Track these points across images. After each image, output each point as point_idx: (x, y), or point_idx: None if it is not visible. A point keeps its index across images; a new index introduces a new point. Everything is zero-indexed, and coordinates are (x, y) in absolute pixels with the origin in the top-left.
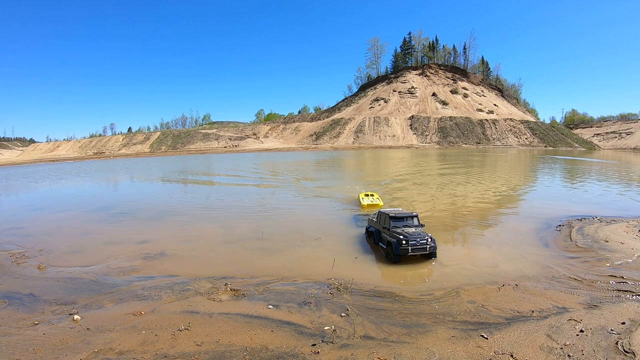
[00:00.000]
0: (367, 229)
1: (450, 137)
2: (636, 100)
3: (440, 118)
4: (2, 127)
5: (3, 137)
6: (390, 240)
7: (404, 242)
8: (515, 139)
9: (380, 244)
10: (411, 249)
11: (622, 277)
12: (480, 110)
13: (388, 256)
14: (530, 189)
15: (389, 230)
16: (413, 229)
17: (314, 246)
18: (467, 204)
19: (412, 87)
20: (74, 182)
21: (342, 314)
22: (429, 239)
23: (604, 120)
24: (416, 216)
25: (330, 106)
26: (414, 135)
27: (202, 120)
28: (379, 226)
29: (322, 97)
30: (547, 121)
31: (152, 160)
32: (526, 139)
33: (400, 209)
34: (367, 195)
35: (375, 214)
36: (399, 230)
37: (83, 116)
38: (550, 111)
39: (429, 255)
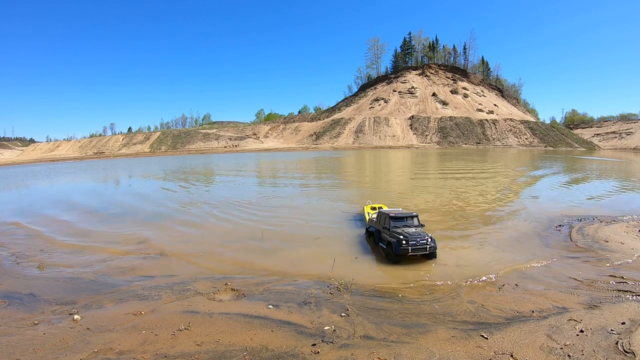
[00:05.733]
0: (367, 229)
1: (450, 137)
2: (636, 100)
3: (440, 118)
4: (2, 127)
5: (3, 137)
6: (390, 240)
7: (404, 242)
8: (515, 139)
9: (380, 244)
10: (411, 249)
11: (622, 277)
12: (480, 110)
13: (388, 256)
14: (530, 189)
15: (389, 230)
16: (413, 229)
17: (314, 246)
18: (467, 203)
19: (412, 87)
20: (73, 181)
21: (342, 314)
22: (429, 239)
23: (604, 120)
24: (416, 216)
25: (330, 106)
26: (414, 135)
27: (202, 120)
28: (379, 226)
29: (322, 97)
30: (547, 121)
31: (152, 160)
32: (526, 139)
33: (400, 209)
34: (373, 208)
35: (375, 214)
36: (399, 230)
37: (83, 116)
38: (550, 111)
39: (429, 255)
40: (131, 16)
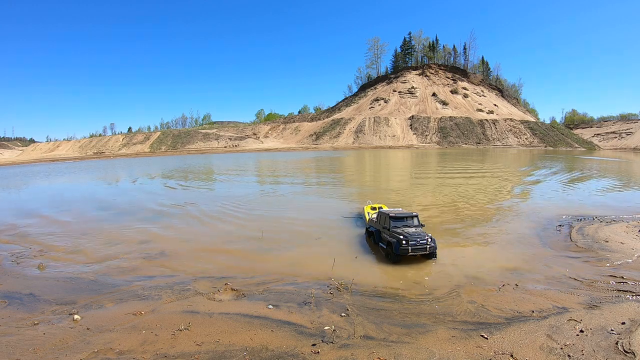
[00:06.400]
0: (367, 229)
1: (450, 137)
2: (636, 100)
3: (440, 118)
4: (2, 127)
5: (3, 137)
6: (390, 240)
7: (404, 242)
8: (515, 139)
9: (380, 244)
10: (411, 249)
11: (622, 277)
12: (480, 110)
13: (388, 256)
14: (531, 189)
15: (389, 230)
16: (413, 229)
17: (314, 246)
18: (467, 203)
19: (412, 87)
20: (73, 181)
21: (342, 314)
22: (429, 239)
23: (604, 120)
24: (416, 216)
25: (330, 106)
26: (414, 136)
27: (202, 120)
28: (379, 226)
29: (322, 97)
30: (547, 121)
31: (152, 160)
32: (526, 139)
33: (400, 209)
34: (373, 208)
35: (375, 214)
36: (399, 230)
37: (83, 116)
38: (550, 111)
39: (429, 255)
40: (131, 16)
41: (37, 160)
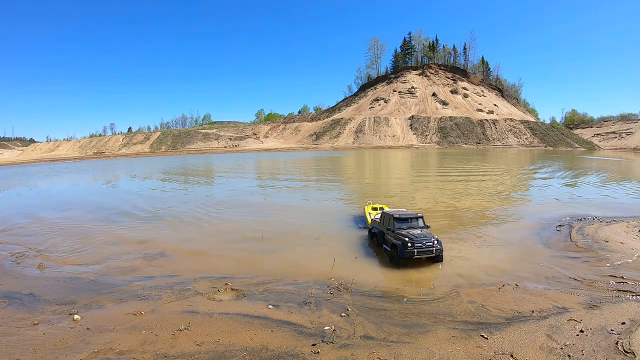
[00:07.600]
0: (369, 230)
1: (450, 137)
2: (636, 100)
3: (440, 118)
4: (2, 127)
5: (3, 137)
6: (395, 243)
7: (409, 244)
8: (515, 139)
9: (384, 246)
10: (417, 252)
11: (622, 277)
12: (480, 110)
13: (392, 259)
14: (530, 189)
15: (393, 232)
16: (418, 231)
17: (314, 246)
18: (467, 203)
19: (412, 87)
20: (73, 182)
21: (342, 314)
22: (435, 241)
23: (604, 120)
24: (422, 217)
25: (330, 106)
26: (414, 136)
27: (202, 120)
28: (382, 227)
29: (322, 97)
30: (547, 121)
31: (152, 160)
32: (526, 139)
33: (405, 210)
34: (374, 209)
35: (377, 214)
36: (403, 232)
37: (83, 116)
38: (550, 111)
39: (435, 258)
40: (131, 17)
41: (37, 160)
